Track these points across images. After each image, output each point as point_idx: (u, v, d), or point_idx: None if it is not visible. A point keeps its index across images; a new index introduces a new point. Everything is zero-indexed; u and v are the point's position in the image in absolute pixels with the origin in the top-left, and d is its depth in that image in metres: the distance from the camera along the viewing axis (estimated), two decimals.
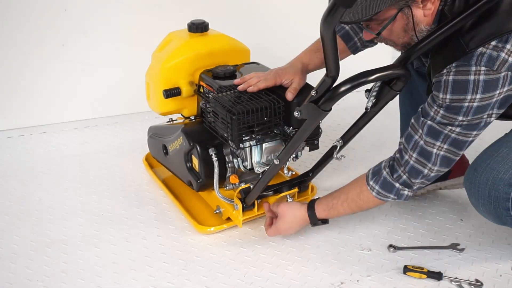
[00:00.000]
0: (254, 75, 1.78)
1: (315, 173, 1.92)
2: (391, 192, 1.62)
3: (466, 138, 1.50)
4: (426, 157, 1.54)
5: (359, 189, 1.67)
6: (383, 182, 1.62)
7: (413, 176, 1.58)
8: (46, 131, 2.63)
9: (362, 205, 1.69)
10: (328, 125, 2.57)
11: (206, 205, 2.02)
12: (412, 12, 1.41)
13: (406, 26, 1.44)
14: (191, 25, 2.00)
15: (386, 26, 1.43)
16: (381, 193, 1.63)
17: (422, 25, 1.44)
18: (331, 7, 1.18)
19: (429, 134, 1.51)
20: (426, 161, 1.54)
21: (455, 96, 1.43)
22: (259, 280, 1.70)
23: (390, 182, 1.61)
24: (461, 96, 1.42)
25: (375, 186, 1.63)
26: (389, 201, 1.65)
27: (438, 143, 1.51)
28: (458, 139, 1.50)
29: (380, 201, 1.66)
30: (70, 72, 2.67)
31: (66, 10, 2.57)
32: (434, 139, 1.51)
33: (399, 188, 1.61)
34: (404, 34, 1.46)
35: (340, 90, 1.42)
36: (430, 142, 1.52)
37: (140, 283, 1.70)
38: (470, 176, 1.61)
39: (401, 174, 1.59)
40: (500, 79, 1.39)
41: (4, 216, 2.00)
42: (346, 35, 1.82)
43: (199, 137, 1.87)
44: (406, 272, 1.71)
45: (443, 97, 1.45)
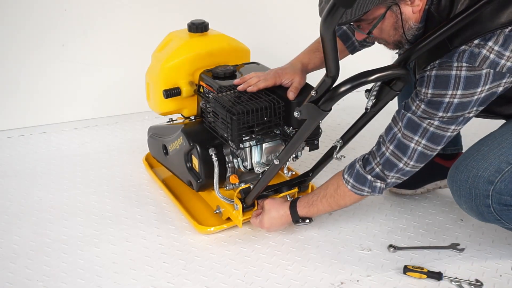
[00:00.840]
0: (253, 75, 1.78)
1: (315, 173, 1.92)
2: (364, 185, 1.63)
3: (444, 132, 1.51)
4: (402, 151, 1.56)
5: (336, 184, 1.70)
6: (356, 174, 1.64)
7: (387, 169, 1.59)
8: (46, 131, 2.64)
9: (339, 200, 1.70)
10: (328, 125, 2.57)
11: (206, 205, 2.02)
12: (400, 10, 1.42)
13: (395, 24, 1.45)
14: (191, 25, 2.00)
15: (376, 25, 1.45)
16: (355, 186, 1.65)
17: (411, 22, 1.45)
18: (331, 7, 1.18)
19: (408, 127, 1.53)
20: (402, 154, 1.56)
21: (436, 91, 1.45)
22: (259, 280, 1.70)
23: (363, 174, 1.63)
24: (442, 91, 1.44)
25: (350, 179, 1.65)
26: (364, 195, 1.66)
27: (416, 137, 1.52)
28: (436, 133, 1.51)
29: (357, 195, 1.67)
30: (70, 72, 2.67)
31: (66, 10, 2.57)
32: (412, 132, 1.52)
33: (371, 180, 1.62)
34: (395, 32, 1.48)
35: (340, 90, 1.42)
36: (408, 135, 1.53)
37: (140, 283, 1.70)
38: (452, 175, 1.62)
39: (374, 166, 1.61)
40: (482, 76, 1.41)
41: (4, 216, 2.01)
42: (344, 34, 1.83)
43: (199, 137, 1.87)
44: (406, 272, 1.71)
45: (425, 92, 1.47)
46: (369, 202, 2.07)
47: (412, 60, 1.51)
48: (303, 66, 1.78)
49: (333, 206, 1.73)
